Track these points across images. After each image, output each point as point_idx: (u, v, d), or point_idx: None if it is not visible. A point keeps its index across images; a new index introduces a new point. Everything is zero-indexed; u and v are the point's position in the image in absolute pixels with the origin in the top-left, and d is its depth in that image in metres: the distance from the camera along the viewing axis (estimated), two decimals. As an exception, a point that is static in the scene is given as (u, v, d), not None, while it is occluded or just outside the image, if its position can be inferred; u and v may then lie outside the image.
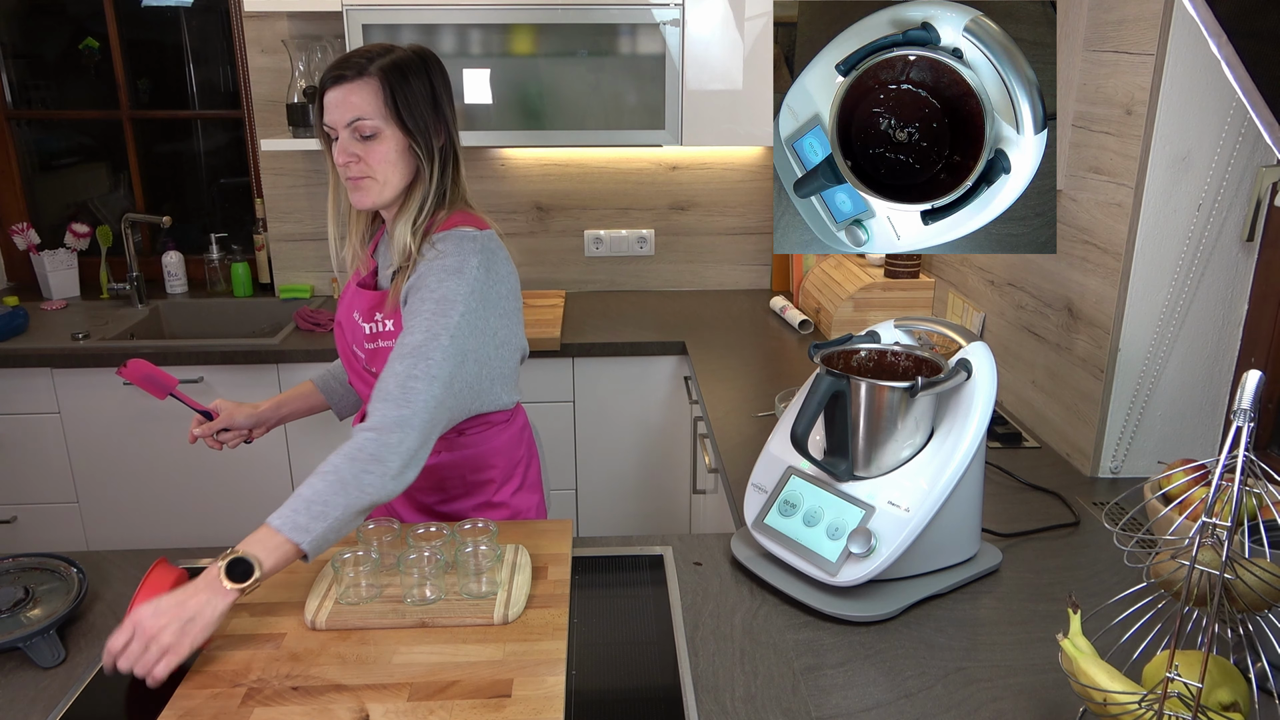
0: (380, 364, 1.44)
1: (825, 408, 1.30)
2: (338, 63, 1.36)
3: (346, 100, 1.34)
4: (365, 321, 1.46)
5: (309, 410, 1.68)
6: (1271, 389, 1.61)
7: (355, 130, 1.35)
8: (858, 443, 1.30)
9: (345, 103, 1.34)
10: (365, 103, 1.34)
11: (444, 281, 1.35)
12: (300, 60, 2.83)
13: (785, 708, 1.10)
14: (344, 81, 1.34)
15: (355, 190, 1.39)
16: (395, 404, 1.28)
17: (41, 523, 2.72)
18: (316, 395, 1.68)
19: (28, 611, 1.23)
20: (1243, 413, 0.84)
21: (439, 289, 1.35)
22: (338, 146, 1.37)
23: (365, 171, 1.37)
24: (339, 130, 1.36)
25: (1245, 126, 1.53)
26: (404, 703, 1.06)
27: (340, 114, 1.35)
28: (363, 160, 1.36)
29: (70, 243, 3.03)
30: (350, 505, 1.21)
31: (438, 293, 1.34)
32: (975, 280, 2.25)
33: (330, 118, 1.35)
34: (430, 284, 1.35)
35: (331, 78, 1.35)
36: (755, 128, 2.71)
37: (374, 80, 1.34)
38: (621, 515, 2.81)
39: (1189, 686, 0.90)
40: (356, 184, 1.38)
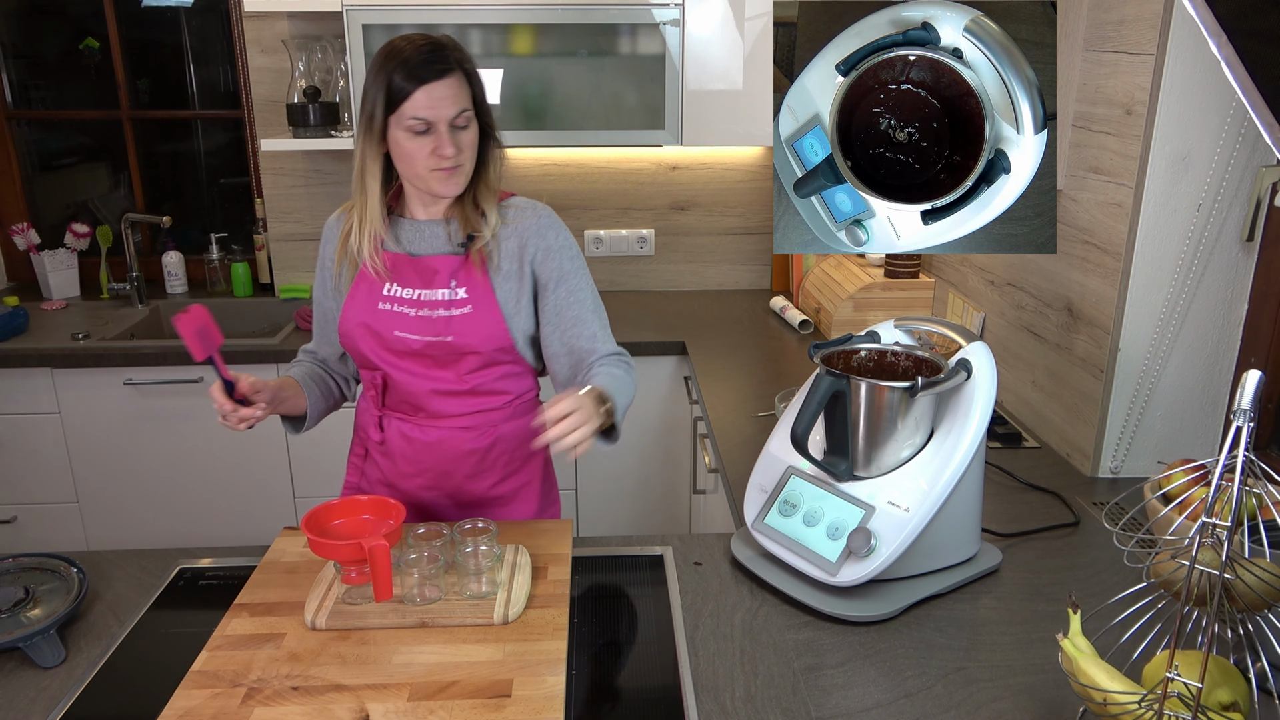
0: (458, 332, 1.48)
1: (825, 408, 1.30)
2: (427, 58, 1.38)
3: (450, 94, 1.39)
4: (441, 289, 1.49)
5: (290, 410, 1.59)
6: (1271, 389, 1.61)
7: (454, 122, 1.40)
8: (858, 443, 1.30)
9: (449, 96, 1.39)
10: (463, 95, 1.40)
11: (570, 240, 1.56)
12: (300, 60, 2.83)
13: (785, 708, 1.10)
14: (445, 76, 1.38)
15: (447, 179, 1.44)
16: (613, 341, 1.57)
17: (41, 523, 2.72)
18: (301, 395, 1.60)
19: (28, 611, 1.23)
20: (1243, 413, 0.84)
21: (572, 246, 1.56)
22: (438, 139, 1.40)
23: (459, 160, 1.43)
24: (440, 124, 1.39)
25: (1245, 126, 1.53)
26: (404, 703, 1.06)
27: (445, 108, 1.39)
28: (459, 150, 1.42)
29: (70, 243, 3.03)
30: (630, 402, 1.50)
31: (572, 250, 1.55)
32: (975, 280, 2.25)
33: (433, 112, 1.38)
34: (563, 242, 1.54)
35: (433, 72, 1.37)
36: (755, 128, 2.71)
37: (462, 74, 1.41)
38: (621, 515, 2.81)
39: (1189, 686, 0.90)
40: (451, 173, 1.43)
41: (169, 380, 2.59)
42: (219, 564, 1.41)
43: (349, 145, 2.66)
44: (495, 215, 1.51)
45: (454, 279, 1.49)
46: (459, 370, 1.51)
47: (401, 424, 1.56)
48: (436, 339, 1.48)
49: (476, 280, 1.49)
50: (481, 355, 1.50)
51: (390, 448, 1.57)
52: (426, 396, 1.52)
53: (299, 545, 1.39)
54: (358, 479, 1.66)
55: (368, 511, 1.29)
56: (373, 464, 1.62)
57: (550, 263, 1.52)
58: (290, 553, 1.37)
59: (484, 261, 1.50)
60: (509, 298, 1.51)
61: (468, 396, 1.53)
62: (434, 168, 1.41)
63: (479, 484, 1.59)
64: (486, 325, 1.49)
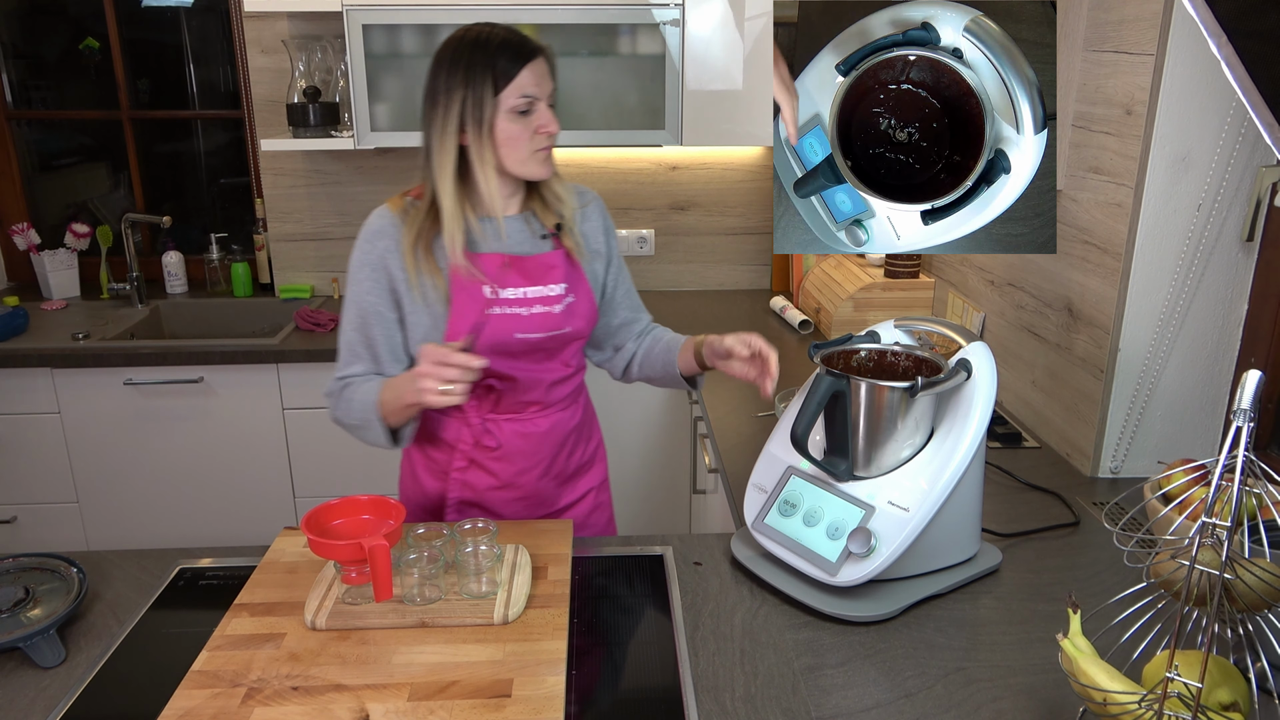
0: (574, 322, 1.52)
1: (825, 408, 1.30)
2: (520, 37, 1.40)
3: (546, 71, 1.42)
4: (555, 284, 1.50)
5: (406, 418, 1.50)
6: (1271, 389, 1.61)
7: (549, 99, 1.43)
8: (857, 443, 1.30)
9: (546, 73, 1.42)
10: (552, 74, 1.44)
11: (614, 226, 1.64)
12: (300, 60, 2.83)
13: (785, 708, 1.10)
14: (538, 55, 1.41)
15: (545, 160, 1.46)
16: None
17: (41, 523, 2.72)
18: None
19: (28, 611, 1.23)
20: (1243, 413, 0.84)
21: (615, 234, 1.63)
22: (541, 116, 1.41)
23: (557, 138, 1.45)
24: (544, 99, 1.41)
25: (1245, 126, 1.53)
26: (404, 703, 1.06)
27: (547, 84, 1.42)
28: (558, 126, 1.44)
29: (70, 243, 3.03)
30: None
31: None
32: (975, 280, 2.25)
33: (539, 89, 1.40)
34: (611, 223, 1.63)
35: (530, 51, 1.39)
36: (755, 128, 2.71)
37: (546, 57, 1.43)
38: (621, 515, 2.81)
39: (1189, 686, 0.90)
40: (549, 153, 1.46)
41: (169, 380, 2.59)
42: (219, 564, 1.41)
43: (349, 145, 2.66)
44: (569, 195, 1.55)
45: (562, 272, 1.51)
46: (564, 357, 1.55)
47: (513, 423, 1.54)
48: (556, 332, 1.50)
49: (574, 268, 1.54)
50: (584, 337, 1.57)
51: (508, 449, 1.54)
52: (544, 389, 1.54)
53: (299, 545, 1.39)
54: (460, 493, 1.57)
55: (368, 511, 1.29)
56: (479, 472, 1.56)
57: (611, 240, 1.63)
58: (290, 553, 1.37)
59: (574, 249, 1.54)
60: (597, 277, 1.60)
61: (571, 378, 1.59)
62: (537, 148, 1.42)
63: (575, 456, 1.64)
64: (589, 309, 1.56)
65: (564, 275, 1.51)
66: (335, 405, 1.49)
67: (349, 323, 1.49)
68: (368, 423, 1.44)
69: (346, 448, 2.70)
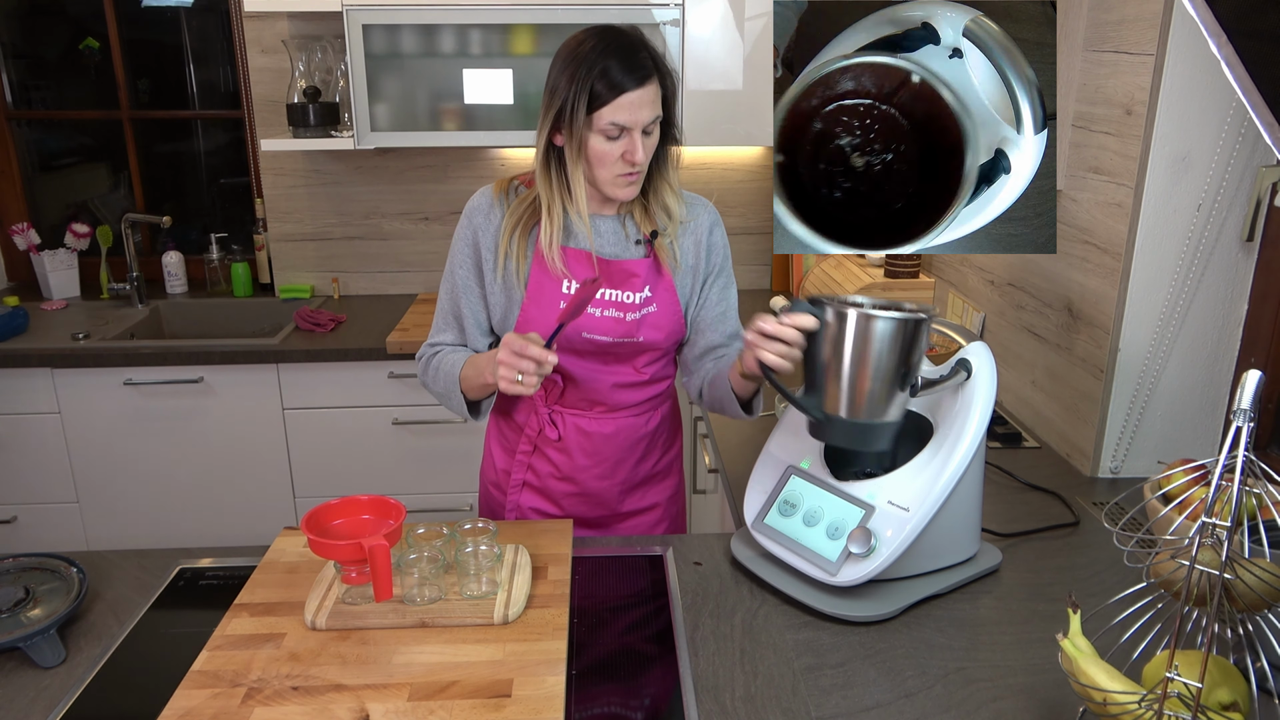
0: (646, 331, 1.50)
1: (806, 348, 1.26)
2: (631, 60, 1.35)
3: (647, 99, 1.36)
4: (635, 292, 1.49)
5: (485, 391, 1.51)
6: (1271, 389, 1.61)
7: (646, 128, 1.38)
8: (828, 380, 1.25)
9: (648, 103, 1.37)
10: (659, 102, 1.39)
11: (728, 245, 1.60)
12: (300, 60, 2.83)
13: (785, 708, 1.10)
14: (646, 83, 1.35)
15: (631, 184, 1.42)
16: None
17: (41, 523, 2.72)
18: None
19: (28, 611, 1.23)
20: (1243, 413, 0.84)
21: (728, 246, 1.60)
22: (631, 143, 1.37)
23: (641, 166, 1.41)
24: (636, 130, 1.37)
25: (1245, 126, 1.53)
26: (404, 703, 1.06)
27: (645, 115, 1.37)
28: (647, 155, 1.41)
29: (70, 243, 3.03)
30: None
31: (729, 250, 1.60)
32: (975, 280, 2.25)
33: (633, 118, 1.36)
34: (725, 240, 1.59)
35: (636, 79, 1.34)
36: (755, 128, 2.71)
37: (657, 81, 1.38)
38: (621, 515, 2.81)
39: (1189, 686, 0.90)
40: (634, 178, 1.42)
41: (169, 380, 2.59)
42: (219, 564, 1.41)
43: (349, 145, 2.66)
44: (682, 209, 1.52)
45: (645, 281, 1.49)
46: (637, 364, 1.54)
47: (577, 419, 1.55)
48: (626, 339, 1.49)
49: (662, 278, 1.51)
50: (662, 349, 1.54)
51: (568, 443, 1.56)
52: (607, 391, 1.53)
53: (299, 545, 1.39)
54: (524, 474, 1.62)
55: (368, 511, 1.29)
56: (542, 459, 1.59)
57: (715, 258, 1.57)
58: (290, 553, 1.37)
59: (665, 257, 1.51)
60: (685, 293, 1.54)
61: (644, 386, 1.57)
62: (620, 173, 1.40)
63: (645, 465, 1.63)
64: (670, 322, 1.52)
65: (648, 283, 1.50)
66: (424, 371, 1.56)
67: (444, 292, 1.56)
68: (450, 393, 1.50)
69: (347, 447, 2.70)
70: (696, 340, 1.58)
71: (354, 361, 2.60)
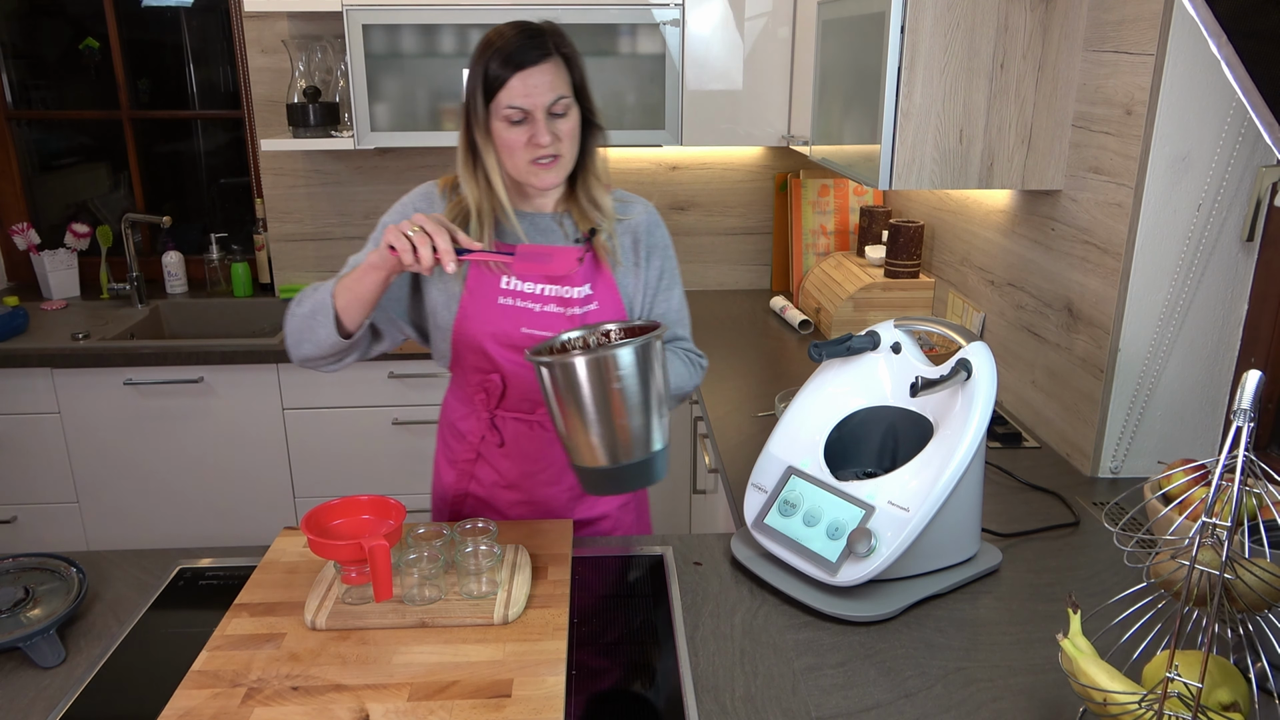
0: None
1: None
2: (520, 44, 1.34)
3: (544, 80, 1.34)
4: (575, 288, 1.47)
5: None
6: (1271, 389, 1.61)
7: (551, 110, 1.36)
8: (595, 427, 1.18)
9: (544, 83, 1.34)
10: (560, 81, 1.36)
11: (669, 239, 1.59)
12: (300, 60, 2.83)
13: (785, 708, 1.10)
14: (538, 62, 1.34)
15: (546, 171, 1.39)
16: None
17: (41, 523, 2.72)
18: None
19: (28, 611, 1.23)
20: (1243, 413, 0.84)
21: (671, 246, 1.59)
22: (534, 127, 1.36)
23: (558, 150, 1.38)
24: (537, 112, 1.35)
25: (1245, 126, 1.53)
26: (404, 703, 1.06)
27: (543, 95, 1.34)
28: (558, 139, 1.38)
29: (70, 243, 3.03)
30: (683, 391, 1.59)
31: (671, 250, 1.58)
32: (975, 280, 2.25)
33: (529, 100, 1.34)
34: (666, 240, 1.58)
35: (522, 60, 1.33)
36: (755, 128, 2.71)
37: (560, 59, 1.37)
38: (621, 515, 2.81)
39: (1189, 686, 0.90)
40: (549, 165, 1.39)
41: (169, 380, 2.59)
42: (219, 564, 1.41)
43: (349, 145, 2.66)
44: (610, 205, 1.49)
45: (584, 277, 1.48)
46: None
47: (519, 424, 1.53)
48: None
49: (603, 276, 1.49)
50: None
51: (511, 448, 1.54)
52: None
53: (299, 545, 1.39)
54: (468, 484, 1.59)
55: (368, 511, 1.29)
56: (487, 467, 1.57)
57: (655, 260, 1.55)
58: (290, 553, 1.37)
59: (605, 253, 1.49)
60: (629, 289, 1.53)
61: None
62: (532, 158, 1.38)
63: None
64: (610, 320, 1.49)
65: (588, 280, 1.49)
66: (293, 305, 1.42)
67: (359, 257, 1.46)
68: (318, 308, 1.37)
69: (347, 447, 2.70)
70: None
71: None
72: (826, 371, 1.46)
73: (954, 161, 1.80)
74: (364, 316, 1.37)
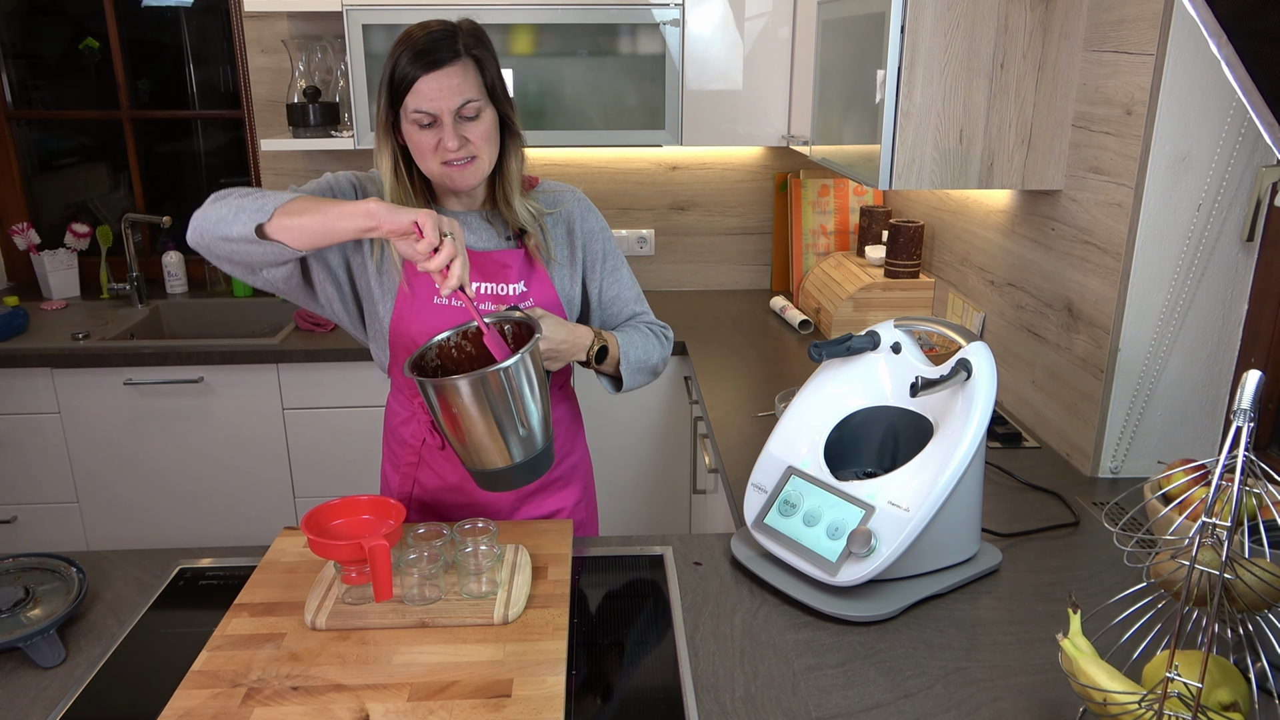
0: None
1: None
2: (424, 48, 1.32)
3: (451, 84, 1.32)
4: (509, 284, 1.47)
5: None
6: (1271, 389, 1.61)
7: (459, 113, 1.34)
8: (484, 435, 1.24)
9: (450, 86, 1.32)
10: (469, 84, 1.34)
11: (603, 220, 1.59)
12: (300, 60, 2.83)
13: (785, 708, 1.10)
14: (444, 65, 1.32)
15: (459, 175, 1.38)
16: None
17: (41, 523, 2.72)
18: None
19: (28, 611, 1.23)
20: (1243, 413, 0.84)
21: (607, 227, 1.59)
22: (442, 131, 1.34)
23: (472, 152, 1.37)
24: (443, 115, 1.33)
25: (1245, 126, 1.53)
26: (404, 703, 1.06)
27: (448, 99, 1.32)
28: (470, 141, 1.36)
29: (70, 243, 3.03)
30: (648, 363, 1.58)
31: (607, 230, 1.59)
32: (975, 280, 2.25)
33: (434, 104, 1.32)
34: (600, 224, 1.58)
35: (428, 63, 1.31)
36: (755, 128, 2.71)
37: (470, 61, 1.35)
38: (621, 515, 2.81)
39: (1189, 686, 0.90)
40: (463, 167, 1.38)
41: (169, 380, 2.59)
42: (219, 564, 1.41)
43: (349, 145, 2.67)
44: (523, 208, 1.48)
45: (519, 274, 1.48)
46: None
47: None
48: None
49: (537, 273, 1.50)
50: None
51: (452, 452, 1.53)
52: None
53: (299, 545, 1.39)
54: (410, 487, 1.58)
55: (368, 511, 1.29)
56: (429, 471, 1.56)
57: (594, 245, 1.56)
58: (290, 553, 1.37)
59: (538, 251, 1.49)
60: (565, 285, 1.53)
61: None
62: (443, 161, 1.37)
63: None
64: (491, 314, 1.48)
65: (522, 277, 1.48)
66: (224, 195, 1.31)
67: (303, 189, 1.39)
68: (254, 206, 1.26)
69: (347, 447, 2.70)
70: (593, 323, 1.59)
71: (354, 361, 2.60)
72: (826, 371, 1.46)
73: (954, 161, 1.80)
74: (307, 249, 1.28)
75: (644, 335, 1.58)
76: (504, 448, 1.25)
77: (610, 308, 1.60)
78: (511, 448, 1.26)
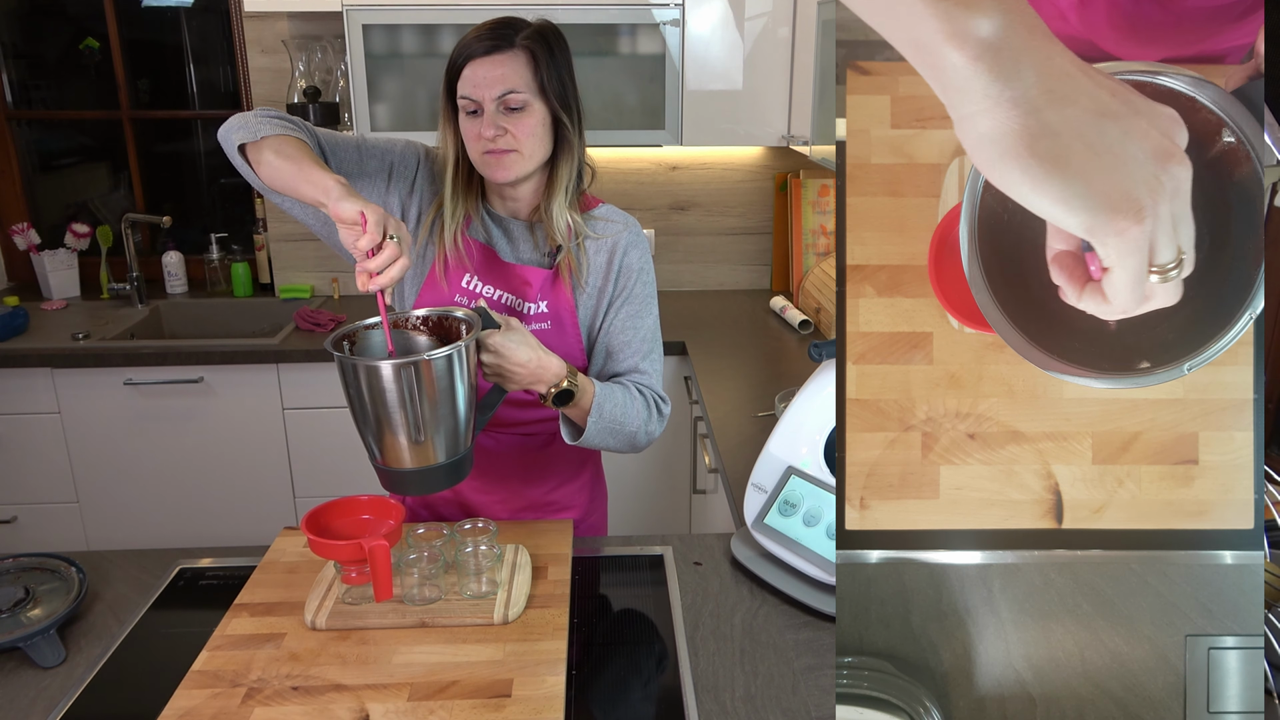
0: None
1: None
2: (480, 34, 1.32)
3: (495, 72, 1.31)
4: (528, 302, 1.43)
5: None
6: (1272, 389, 1.61)
7: (503, 103, 1.32)
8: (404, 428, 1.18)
9: (495, 75, 1.31)
10: (515, 75, 1.32)
11: (650, 264, 1.48)
12: (300, 60, 2.83)
13: (785, 708, 1.10)
14: (494, 53, 1.31)
15: (496, 165, 1.35)
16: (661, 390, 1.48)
17: (41, 523, 2.72)
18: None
19: (28, 611, 1.23)
20: (1243, 413, 0.84)
21: (650, 272, 1.48)
22: (483, 120, 1.33)
23: (511, 145, 1.34)
24: (485, 104, 1.32)
25: (1245, 126, 1.53)
26: (404, 703, 1.06)
27: (490, 87, 1.31)
28: (509, 133, 1.33)
29: (70, 243, 3.03)
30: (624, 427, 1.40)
31: (649, 275, 1.48)
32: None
33: (477, 91, 1.31)
34: (643, 264, 1.47)
35: (480, 49, 1.31)
36: (755, 128, 2.71)
37: (522, 52, 1.32)
38: (621, 515, 2.81)
39: (1189, 686, 0.90)
40: (499, 158, 1.34)
41: (169, 380, 2.59)
42: (219, 564, 1.41)
43: (349, 145, 2.66)
44: (562, 219, 1.41)
45: (541, 294, 1.43)
46: None
47: None
48: None
49: (561, 296, 1.43)
50: None
51: None
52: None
53: (299, 545, 1.39)
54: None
55: (368, 511, 1.29)
56: None
57: (625, 281, 1.46)
58: (290, 553, 1.37)
59: (571, 274, 1.43)
60: (588, 316, 1.46)
61: (532, 406, 1.47)
62: (483, 150, 1.35)
63: (535, 491, 1.57)
64: (565, 345, 1.44)
65: (543, 296, 1.43)
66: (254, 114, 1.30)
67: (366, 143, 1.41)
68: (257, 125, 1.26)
69: (347, 447, 2.70)
70: (593, 363, 1.48)
71: (354, 361, 2.60)
72: (826, 371, 1.46)
73: (954, 161, 1.80)
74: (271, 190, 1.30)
75: (632, 396, 1.41)
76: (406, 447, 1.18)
77: (617, 351, 1.46)
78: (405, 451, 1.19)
